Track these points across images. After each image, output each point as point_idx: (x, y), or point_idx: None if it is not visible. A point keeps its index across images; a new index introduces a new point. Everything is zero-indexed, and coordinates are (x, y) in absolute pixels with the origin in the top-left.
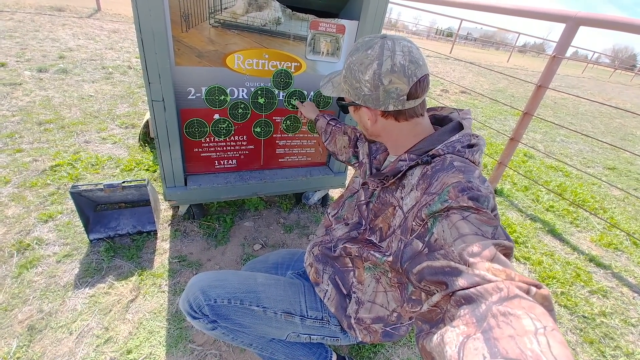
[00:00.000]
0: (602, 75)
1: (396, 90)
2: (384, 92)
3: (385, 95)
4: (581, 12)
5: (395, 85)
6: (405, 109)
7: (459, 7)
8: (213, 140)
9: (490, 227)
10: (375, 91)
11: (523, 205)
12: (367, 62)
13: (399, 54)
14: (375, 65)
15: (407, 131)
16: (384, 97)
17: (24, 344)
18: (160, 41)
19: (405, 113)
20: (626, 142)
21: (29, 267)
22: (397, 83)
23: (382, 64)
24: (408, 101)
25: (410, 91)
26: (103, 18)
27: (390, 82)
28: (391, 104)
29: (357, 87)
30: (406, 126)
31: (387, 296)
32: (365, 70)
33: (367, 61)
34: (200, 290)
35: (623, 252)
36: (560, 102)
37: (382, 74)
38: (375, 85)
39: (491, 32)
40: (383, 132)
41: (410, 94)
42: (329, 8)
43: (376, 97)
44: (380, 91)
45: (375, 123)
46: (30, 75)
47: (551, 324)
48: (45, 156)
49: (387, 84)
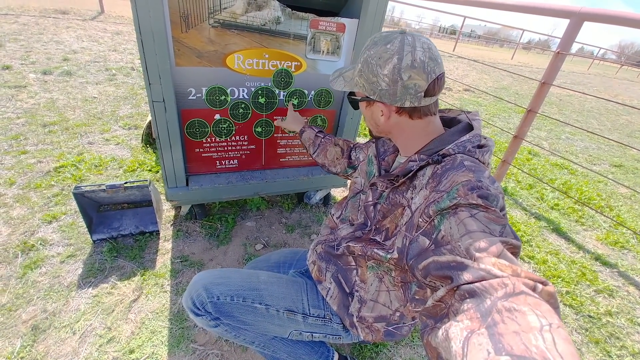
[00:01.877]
0: (609, 71)
1: (414, 87)
2: (402, 88)
3: (403, 91)
4: (585, 8)
5: (414, 81)
6: (421, 106)
7: (462, 4)
8: (214, 140)
9: (498, 225)
10: (394, 86)
11: (527, 204)
12: (386, 56)
13: (420, 49)
14: (395, 59)
15: (420, 129)
16: (402, 93)
17: (28, 344)
18: (160, 42)
19: (420, 110)
20: (633, 139)
21: (33, 268)
22: (416, 79)
23: (402, 59)
24: (425, 98)
25: (428, 88)
26: (106, 20)
27: (410, 77)
28: (408, 100)
29: (374, 81)
30: (419, 124)
31: (389, 295)
32: (385, 64)
33: (386, 55)
34: (203, 288)
35: (629, 251)
36: (565, 99)
37: (402, 69)
38: (394, 80)
39: (495, 29)
40: (395, 130)
41: (428, 90)
42: (329, 7)
43: (393, 93)
44: (399, 86)
45: (388, 120)
46: (35, 78)
47: (557, 321)
48: (49, 158)
49: (407, 80)
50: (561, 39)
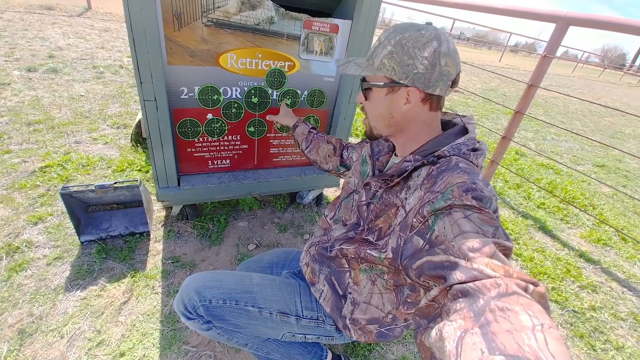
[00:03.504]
0: (592, 74)
1: (447, 74)
2: (439, 73)
3: (438, 77)
4: (570, 12)
5: (448, 69)
6: (444, 96)
7: (452, 7)
8: (206, 140)
9: (491, 227)
10: (432, 69)
11: (515, 203)
12: (423, 40)
13: (451, 41)
14: (435, 43)
15: (429, 124)
16: (437, 79)
17: (15, 348)
18: (152, 40)
19: (440, 101)
20: (615, 140)
21: (18, 270)
22: (450, 66)
23: (441, 44)
24: (450, 88)
25: (455, 79)
26: (94, 17)
27: (446, 64)
28: (439, 87)
29: (410, 63)
30: (431, 117)
31: (382, 298)
32: (424, 47)
33: (423, 40)
34: (195, 291)
35: (612, 248)
36: (551, 101)
37: (441, 53)
38: (434, 63)
39: (483, 32)
40: (407, 123)
41: (455, 81)
42: (322, 7)
43: (429, 77)
44: (436, 71)
45: (409, 109)
46: (19, 75)
47: (548, 322)
48: (34, 157)
49: (444, 65)
50: (547, 43)
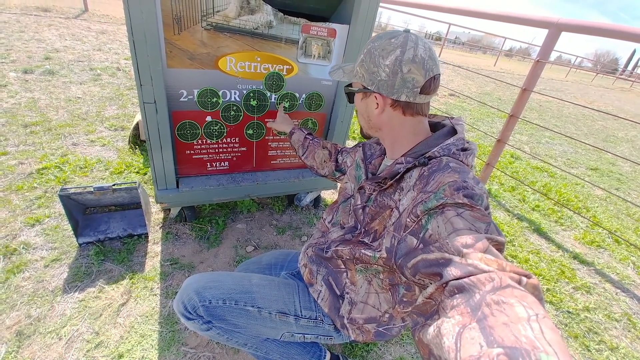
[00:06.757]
0: (585, 79)
1: (412, 81)
2: (400, 80)
3: (401, 84)
4: (563, 19)
5: (413, 76)
6: (415, 102)
7: (448, 12)
8: (205, 142)
9: (483, 223)
10: (393, 77)
11: (510, 205)
12: (389, 48)
13: (421, 47)
14: (398, 52)
15: (409, 128)
16: (400, 85)
17: (13, 350)
18: (152, 43)
19: (413, 107)
20: (608, 144)
21: (16, 272)
22: (415, 74)
23: (404, 52)
24: (420, 95)
25: (425, 85)
26: (90, 19)
27: (409, 71)
28: (404, 93)
29: (374, 71)
30: (409, 122)
31: (379, 298)
32: (387, 55)
33: (389, 47)
34: (194, 292)
35: (605, 250)
36: (545, 105)
37: (403, 61)
38: (395, 71)
39: (478, 37)
40: (385, 126)
41: (424, 87)
42: (320, 12)
43: (392, 84)
44: (398, 78)
45: (381, 113)
46: (15, 77)
47: (542, 312)
48: (31, 159)
49: (406, 72)
50: (540, 48)
